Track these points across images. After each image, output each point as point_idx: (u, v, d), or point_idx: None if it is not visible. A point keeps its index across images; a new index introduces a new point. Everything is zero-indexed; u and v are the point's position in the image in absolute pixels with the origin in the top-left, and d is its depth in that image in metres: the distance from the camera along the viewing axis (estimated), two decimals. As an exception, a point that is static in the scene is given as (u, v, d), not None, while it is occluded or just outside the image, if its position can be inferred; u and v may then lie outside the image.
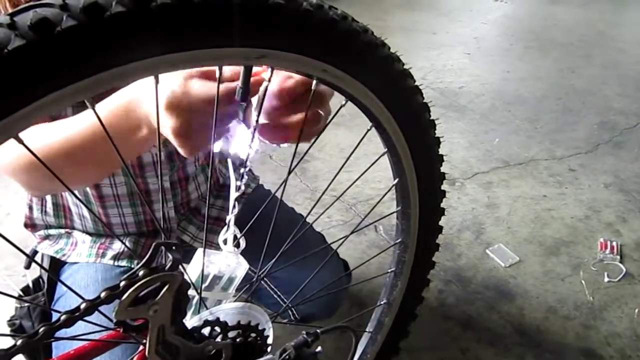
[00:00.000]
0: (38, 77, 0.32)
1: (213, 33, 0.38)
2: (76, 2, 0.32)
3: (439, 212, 0.75)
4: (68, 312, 0.38)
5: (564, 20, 4.14)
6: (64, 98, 0.34)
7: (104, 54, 0.34)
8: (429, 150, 0.65)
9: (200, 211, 1.09)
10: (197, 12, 0.36)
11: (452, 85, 3.00)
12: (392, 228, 1.86)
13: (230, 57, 0.40)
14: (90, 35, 0.33)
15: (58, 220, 1.00)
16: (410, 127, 0.59)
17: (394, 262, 0.77)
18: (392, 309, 0.82)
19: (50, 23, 0.31)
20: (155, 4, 0.34)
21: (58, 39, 0.32)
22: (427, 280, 0.85)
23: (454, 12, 4.26)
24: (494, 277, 1.67)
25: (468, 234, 1.86)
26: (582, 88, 3.01)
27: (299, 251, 0.73)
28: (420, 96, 0.59)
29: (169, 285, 0.42)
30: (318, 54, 0.45)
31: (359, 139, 0.63)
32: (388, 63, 0.52)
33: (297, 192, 2.05)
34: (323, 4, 0.43)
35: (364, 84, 0.51)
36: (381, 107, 0.54)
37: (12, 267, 1.66)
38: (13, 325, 0.99)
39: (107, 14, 0.33)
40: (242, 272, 0.61)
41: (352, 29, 0.46)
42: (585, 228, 1.91)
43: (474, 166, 2.26)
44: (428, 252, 0.80)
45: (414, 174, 0.64)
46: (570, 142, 2.46)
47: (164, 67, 0.37)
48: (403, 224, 0.71)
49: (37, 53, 0.31)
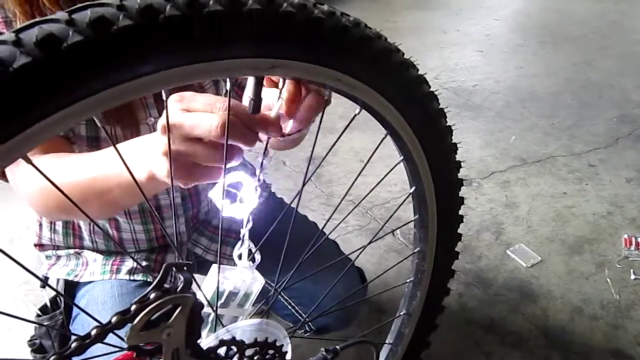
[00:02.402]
0: (45, 95, 0.32)
1: (222, 44, 0.37)
2: (82, 17, 0.32)
3: (458, 220, 0.73)
4: (79, 339, 0.37)
5: (577, 13, 4.08)
6: (72, 115, 0.33)
7: (111, 69, 0.34)
8: (446, 158, 0.64)
9: (211, 223, 1.08)
10: (205, 23, 0.35)
11: (466, 84, 2.96)
12: (409, 232, 1.84)
13: (241, 68, 0.39)
14: (98, 51, 0.32)
15: (67, 239, 1.00)
16: (426, 134, 0.58)
17: (412, 271, 0.76)
18: (412, 320, 0.80)
19: (56, 39, 0.31)
20: (163, 17, 0.34)
21: (64, 55, 0.31)
22: (447, 289, 0.83)
23: (465, 10, 4.22)
24: (515, 278, 1.64)
25: (487, 234, 1.83)
26: (599, 81, 2.95)
27: (314, 262, 0.72)
28: (435, 102, 0.57)
29: (182, 307, 0.41)
30: (331, 62, 0.44)
31: (373, 143, 0.61)
32: (402, 69, 0.51)
33: (312, 198, 2.04)
34: (335, 11, 0.42)
35: (379, 91, 0.50)
36: (396, 115, 0.53)
37: (32, 282, 1.67)
38: (33, 345, 0.99)
39: (115, 28, 0.32)
40: (258, 287, 0.59)
41: (365, 35, 0.45)
42: (609, 224, 1.87)
43: (490, 165, 2.22)
44: (447, 260, 0.78)
45: (430, 181, 0.62)
46: (589, 137, 2.41)
47: (174, 80, 0.37)
48: (421, 232, 0.70)
49: (44, 70, 0.31)
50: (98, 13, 0.32)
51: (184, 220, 1.01)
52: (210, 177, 0.53)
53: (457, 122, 2.52)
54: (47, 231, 1.00)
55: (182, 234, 1.02)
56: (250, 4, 0.37)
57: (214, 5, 0.35)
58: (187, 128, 0.48)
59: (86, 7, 0.33)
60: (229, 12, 0.36)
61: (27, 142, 0.32)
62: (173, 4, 0.34)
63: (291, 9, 0.38)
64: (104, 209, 0.72)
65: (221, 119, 0.47)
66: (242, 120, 0.48)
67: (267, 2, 0.37)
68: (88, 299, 0.95)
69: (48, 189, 0.67)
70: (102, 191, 0.65)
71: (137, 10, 0.33)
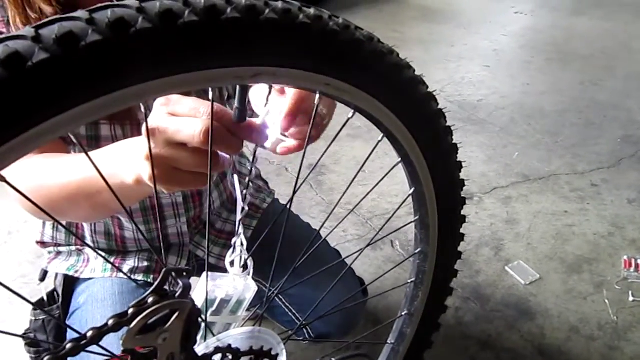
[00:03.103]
0: (60, 92, 0.31)
1: (203, 55, 0.37)
2: (102, 17, 0.32)
3: (460, 220, 0.73)
4: (74, 340, 0.37)
5: (586, 32, 4.09)
6: (84, 115, 0.33)
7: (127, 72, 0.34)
8: (446, 157, 0.63)
9: (214, 225, 1.08)
10: (183, 34, 0.35)
11: (471, 98, 2.97)
12: (408, 243, 1.83)
13: (223, 78, 0.39)
14: (113, 53, 0.32)
15: (68, 238, 1.00)
16: (423, 133, 0.57)
17: (414, 272, 0.75)
18: (414, 320, 0.79)
19: (75, 37, 0.31)
20: (182, 22, 0.34)
21: (82, 53, 0.31)
22: (450, 289, 0.83)
23: (473, 24, 4.24)
24: (513, 295, 1.64)
25: (487, 250, 1.82)
26: (605, 101, 2.95)
27: (315, 269, 0.72)
28: (434, 102, 0.57)
29: (179, 312, 0.41)
30: (318, 66, 0.43)
31: (376, 153, 0.61)
32: (396, 70, 0.50)
33: (312, 205, 2.04)
34: (322, 14, 0.41)
35: (372, 94, 0.49)
36: (391, 117, 0.52)
37: (29, 275, 1.67)
38: (27, 338, 0.99)
39: (133, 30, 0.32)
40: (250, 294, 0.59)
41: (356, 38, 0.44)
42: (609, 245, 1.86)
43: (492, 181, 2.22)
44: (449, 260, 0.77)
45: (430, 182, 0.61)
46: (593, 157, 2.41)
47: (155, 92, 0.36)
48: (422, 233, 0.69)
49: (61, 67, 0.31)
50: (117, 14, 0.32)
51: (185, 220, 1.01)
52: (193, 184, 0.53)
53: (460, 136, 2.52)
54: (50, 229, 1.00)
55: (184, 235, 1.02)
56: (229, 12, 0.36)
57: (189, 16, 0.34)
58: (171, 133, 0.48)
59: (107, 7, 0.33)
60: (212, 20, 0.35)
61: (36, 139, 0.32)
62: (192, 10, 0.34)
63: (274, 16, 0.38)
64: (96, 211, 0.72)
65: (205, 125, 0.46)
66: (227, 126, 0.48)
67: (246, 9, 0.37)
68: (88, 296, 0.95)
69: (39, 190, 0.68)
70: (91, 193, 0.64)
71: (157, 14, 0.33)
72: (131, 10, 0.33)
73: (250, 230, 1.09)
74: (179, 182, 0.51)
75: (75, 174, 0.66)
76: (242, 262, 0.60)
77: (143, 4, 0.34)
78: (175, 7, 0.34)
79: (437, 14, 4.49)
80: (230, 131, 0.48)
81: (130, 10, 0.33)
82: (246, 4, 0.37)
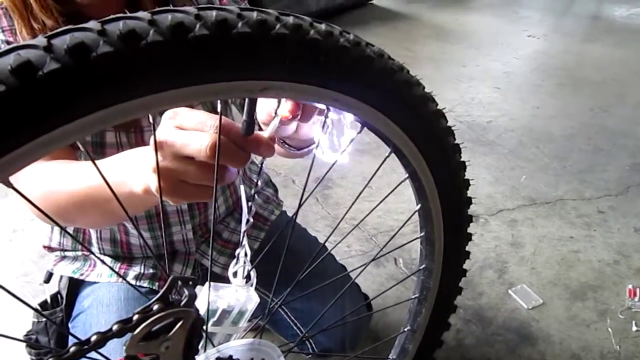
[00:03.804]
0: (71, 100, 0.32)
1: (213, 68, 0.37)
2: (114, 29, 0.32)
3: (466, 238, 0.73)
4: (78, 344, 0.37)
5: (598, 58, 4.09)
6: (93, 124, 0.33)
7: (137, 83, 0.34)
8: (454, 175, 0.63)
9: (221, 235, 1.08)
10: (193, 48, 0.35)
11: (480, 119, 2.97)
12: (412, 262, 1.83)
13: (232, 91, 0.39)
14: (124, 64, 0.33)
15: (75, 244, 1.01)
16: (432, 150, 0.57)
17: (418, 288, 0.75)
18: (417, 336, 0.79)
19: (86, 47, 0.31)
20: (193, 35, 0.34)
21: (93, 64, 0.31)
22: (453, 307, 0.82)
23: (485, 45, 4.26)
24: (515, 319, 1.62)
25: (490, 272, 1.81)
26: (614, 128, 2.95)
27: (320, 283, 0.72)
28: (444, 119, 0.56)
29: (183, 321, 0.41)
30: (327, 81, 0.43)
31: (383, 169, 0.61)
32: (406, 87, 0.50)
33: (317, 219, 2.04)
34: (333, 30, 0.41)
35: (380, 110, 0.49)
36: (400, 133, 0.52)
37: (31, 274, 1.68)
38: (29, 340, 0.99)
39: (144, 43, 0.33)
40: (252, 305, 0.59)
41: (365, 55, 0.44)
42: (614, 273, 1.85)
43: (499, 203, 2.22)
44: (454, 278, 0.77)
45: (437, 198, 0.61)
46: (600, 183, 2.40)
47: (163, 104, 0.36)
48: (427, 249, 0.69)
49: (72, 77, 0.31)
50: (129, 26, 0.33)
51: (190, 227, 1.01)
52: (199, 196, 0.53)
53: (468, 156, 2.51)
54: (58, 235, 1.01)
55: (190, 242, 1.03)
56: (240, 27, 0.36)
57: (200, 30, 0.35)
58: (178, 147, 0.48)
59: (119, 18, 0.33)
60: (221, 34, 0.35)
61: (46, 147, 0.32)
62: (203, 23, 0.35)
63: (284, 31, 0.38)
64: (104, 218, 0.72)
65: (212, 139, 0.47)
66: (234, 140, 0.48)
67: (257, 24, 0.37)
68: (93, 299, 0.96)
69: (48, 196, 0.69)
70: (100, 201, 0.65)
71: (168, 27, 0.34)
72: (143, 22, 0.33)
73: (258, 242, 1.09)
74: (185, 194, 0.52)
75: (84, 181, 0.66)
76: (245, 273, 0.60)
77: (155, 17, 0.34)
78: (186, 20, 0.34)
79: (450, 33, 4.51)
80: (237, 144, 0.49)
81: (142, 22, 0.33)
82: (257, 19, 0.37)
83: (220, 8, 0.36)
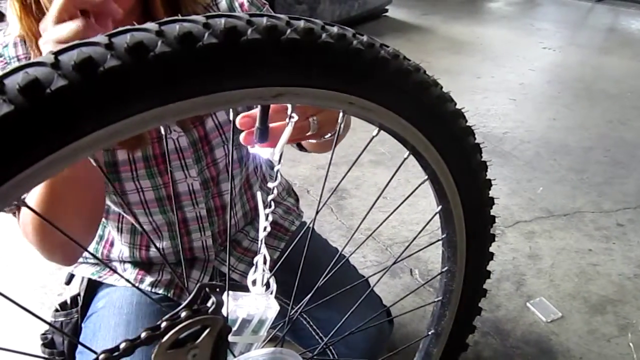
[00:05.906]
0: (80, 117, 0.31)
1: (222, 77, 0.36)
2: (121, 41, 0.32)
3: (489, 239, 0.72)
4: (107, 352, 0.37)
5: (615, 71, 4.06)
6: (104, 139, 0.33)
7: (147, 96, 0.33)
8: (475, 175, 0.62)
9: (241, 243, 1.08)
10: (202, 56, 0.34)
11: (496, 130, 2.95)
12: (428, 273, 1.81)
13: (244, 98, 0.38)
14: (132, 77, 0.32)
15: (95, 252, 1.02)
16: (451, 150, 0.56)
17: (440, 291, 0.74)
18: (441, 340, 0.78)
19: (94, 62, 0.31)
20: (201, 44, 0.34)
21: (101, 78, 0.31)
22: (478, 309, 0.81)
23: (500, 57, 4.24)
24: (534, 333, 1.60)
25: (508, 284, 1.79)
26: (632, 141, 2.91)
27: (343, 294, 0.72)
28: (463, 119, 0.56)
29: (211, 328, 0.41)
30: (342, 84, 0.43)
31: (397, 180, 0.61)
32: (422, 88, 0.49)
33: (332, 229, 2.03)
34: (345, 33, 0.41)
35: (396, 111, 0.48)
36: (417, 134, 0.51)
37: (48, 286, 1.69)
38: (45, 339, 1.00)
39: (152, 55, 0.32)
40: (272, 314, 0.59)
41: (379, 57, 0.43)
42: (634, 287, 1.81)
43: (515, 214, 2.19)
44: (478, 280, 0.76)
45: (458, 199, 0.61)
46: (619, 196, 2.36)
47: (175, 114, 0.36)
48: (449, 251, 0.68)
49: (80, 93, 0.30)
50: (136, 38, 0.32)
51: (210, 234, 1.01)
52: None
53: (485, 167, 2.50)
54: None
55: (209, 249, 1.03)
56: (249, 34, 0.35)
57: (208, 39, 0.34)
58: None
59: (127, 31, 0.33)
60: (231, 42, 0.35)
61: (56, 165, 0.31)
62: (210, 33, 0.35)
63: (295, 36, 0.37)
64: (81, 216, 0.76)
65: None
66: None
67: (267, 30, 0.36)
68: (107, 301, 0.97)
69: (27, 219, 0.74)
70: (55, 197, 0.69)
71: (176, 37, 0.33)
72: (150, 34, 0.33)
73: (277, 252, 1.09)
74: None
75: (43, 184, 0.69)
76: (264, 282, 0.60)
77: (162, 27, 0.33)
78: (195, 29, 0.34)
79: (465, 45, 4.51)
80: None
81: (149, 34, 0.33)
82: (267, 25, 0.36)
83: (230, 15, 0.36)
